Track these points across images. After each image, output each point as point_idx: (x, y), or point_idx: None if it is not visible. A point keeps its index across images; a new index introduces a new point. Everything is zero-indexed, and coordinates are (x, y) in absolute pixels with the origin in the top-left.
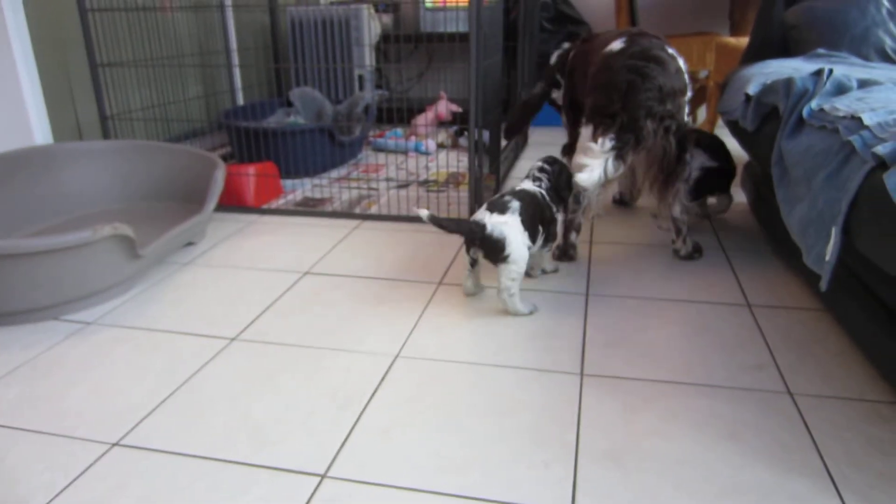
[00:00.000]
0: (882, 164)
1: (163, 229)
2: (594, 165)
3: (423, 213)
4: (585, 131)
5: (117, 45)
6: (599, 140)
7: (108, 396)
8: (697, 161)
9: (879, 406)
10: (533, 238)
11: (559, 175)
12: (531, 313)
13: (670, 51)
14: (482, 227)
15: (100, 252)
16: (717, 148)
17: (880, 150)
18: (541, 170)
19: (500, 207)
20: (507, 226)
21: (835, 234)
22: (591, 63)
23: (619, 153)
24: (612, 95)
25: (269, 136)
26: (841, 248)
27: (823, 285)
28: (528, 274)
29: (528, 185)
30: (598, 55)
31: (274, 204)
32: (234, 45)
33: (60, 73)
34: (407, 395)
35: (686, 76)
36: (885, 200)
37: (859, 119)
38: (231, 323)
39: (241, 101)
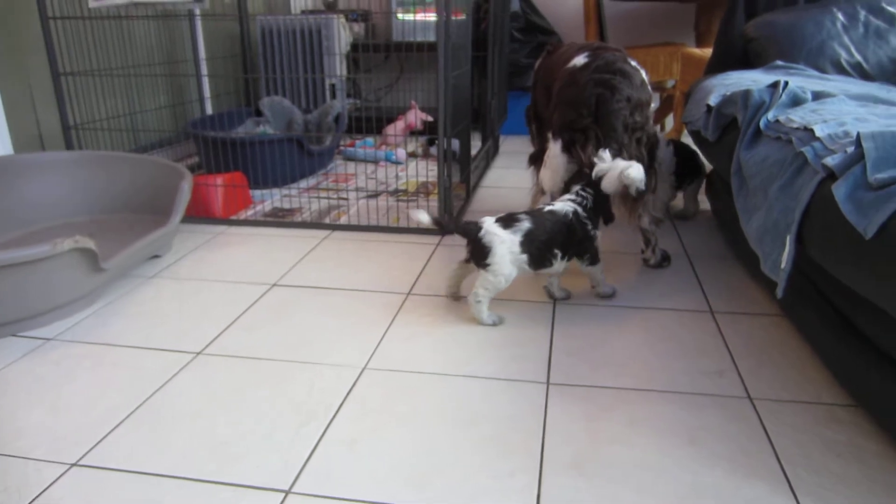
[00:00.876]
0: (832, 175)
1: (127, 242)
2: (631, 162)
3: (423, 216)
4: (555, 146)
5: (82, 54)
6: (600, 152)
7: (66, 415)
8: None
9: (835, 409)
10: (539, 262)
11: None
12: (494, 324)
13: (633, 63)
14: (478, 229)
15: (60, 266)
16: (684, 149)
17: (829, 161)
18: (584, 188)
19: (506, 222)
20: (499, 240)
21: (789, 242)
22: (554, 78)
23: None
24: (581, 110)
25: (237, 146)
26: (795, 256)
27: (779, 292)
28: (550, 295)
29: (560, 205)
30: (562, 71)
31: (242, 215)
32: (202, 54)
33: (21, 82)
34: (373, 407)
35: (649, 87)
36: (835, 210)
37: (811, 131)
38: (196, 337)
39: (209, 110)
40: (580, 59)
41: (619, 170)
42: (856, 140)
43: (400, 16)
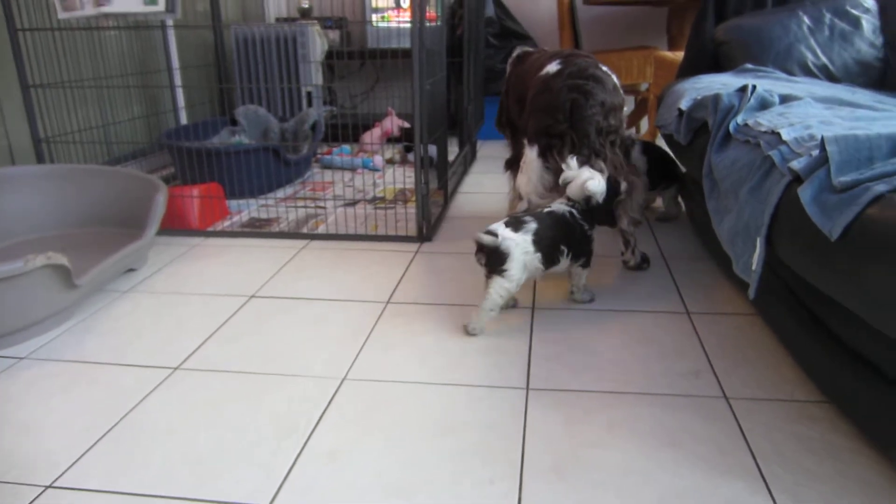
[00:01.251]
0: (798, 178)
1: (101, 256)
2: (591, 173)
3: (487, 238)
4: (531, 152)
5: (52, 66)
6: (568, 159)
7: (40, 435)
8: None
9: (807, 406)
10: (550, 260)
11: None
12: (478, 335)
13: (604, 68)
14: (494, 236)
15: (33, 283)
16: (654, 150)
17: (795, 165)
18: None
19: (514, 225)
20: (514, 243)
21: (759, 244)
22: (527, 86)
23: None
24: (557, 115)
25: (213, 156)
26: (766, 258)
27: (751, 293)
28: (573, 298)
29: (556, 206)
30: (535, 78)
31: (219, 226)
32: (176, 63)
33: None
34: (354, 418)
35: (621, 91)
36: (802, 213)
37: (778, 134)
38: (173, 352)
39: (184, 120)
40: (553, 66)
41: (582, 180)
42: (820, 144)
43: (375, 22)
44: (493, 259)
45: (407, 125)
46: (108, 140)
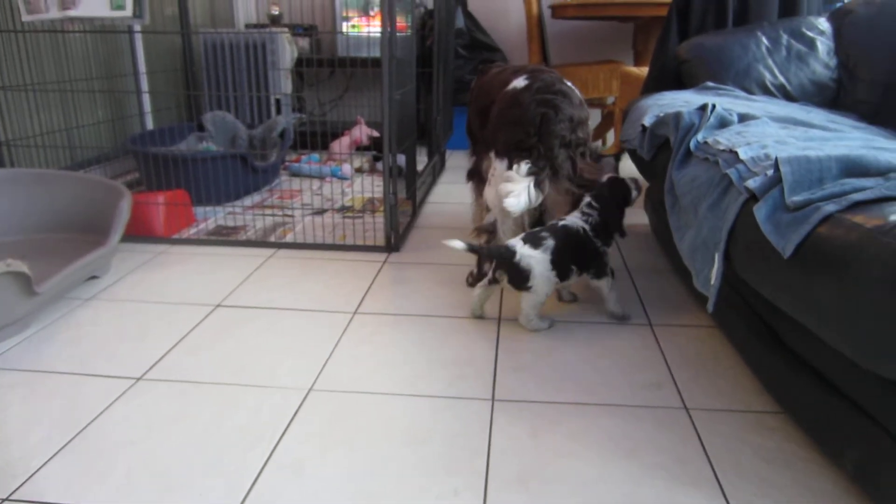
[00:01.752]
0: (754, 197)
1: (63, 263)
2: (519, 190)
3: (458, 244)
4: (500, 165)
5: (14, 68)
6: (515, 166)
7: None
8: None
9: (764, 416)
10: (564, 276)
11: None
12: (550, 327)
13: (568, 83)
14: (512, 253)
15: None
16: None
17: (751, 183)
18: (589, 205)
19: (534, 241)
20: (535, 261)
21: (718, 259)
22: (490, 100)
23: (538, 180)
24: (528, 129)
25: (180, 163)
26: (724, 272)
27: (710, 307)
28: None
29: (571, 220)
30: (502, 92)
31: (185, 233)
32: (143, 68)
33: None
34: (320, 429)
35: (586, 106)
36: (757, 230)
37: (736, 153)
38: (136, 361)
39: (150, 125)
40: (520, 82)
41: (504, 192)
42: (774, 164)
43: (345, 31)
44: (516, 276)
45: (376, 134)
46: (71, 144)
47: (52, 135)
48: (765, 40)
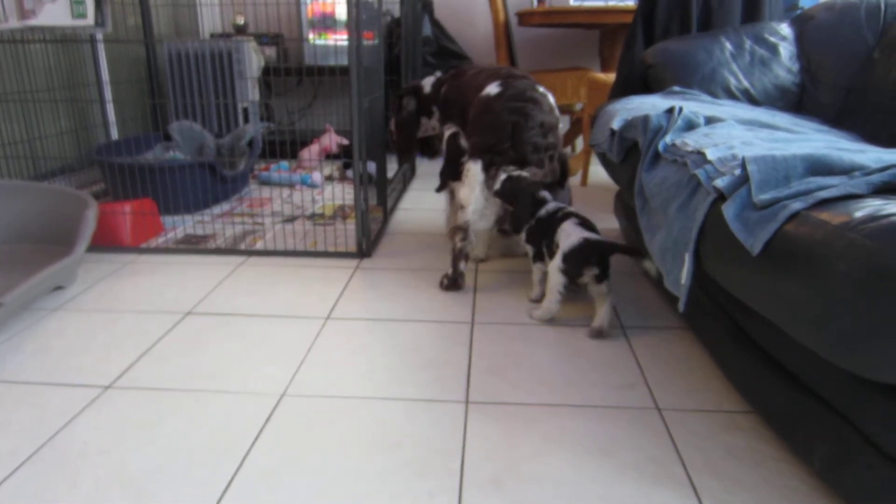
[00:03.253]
0: (722, 196)
1: (27, 274)
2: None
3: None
4: (474, 166)
5: None
6: (492, 173)
7: None
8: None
9: (735, 416)
10: None
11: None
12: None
13: (541, 90)
14: (600, 244)
15: None
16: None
17: (719, 183)
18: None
19: (591, 226)
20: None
21: (688, 259)
22: (466, 102)
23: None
24: (500, 135)
25: (146, 172)
26: (694, 272)
27: (681, 307)
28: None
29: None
30: (477, 98)
31: (153, 243)
32: (106, 77)
33: None
34: (293, 435)
35: (557, 111)
36: (726, 229)
37: (704, 154)
38: (104, 370)
39: (115, 135)
40: (494, 88)
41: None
42: (742, 163)
43: (311, 39)
44: (607, 267)
45: (345, 142)
46: (34, 155)
47: (15, 146)
48: (729, 45)
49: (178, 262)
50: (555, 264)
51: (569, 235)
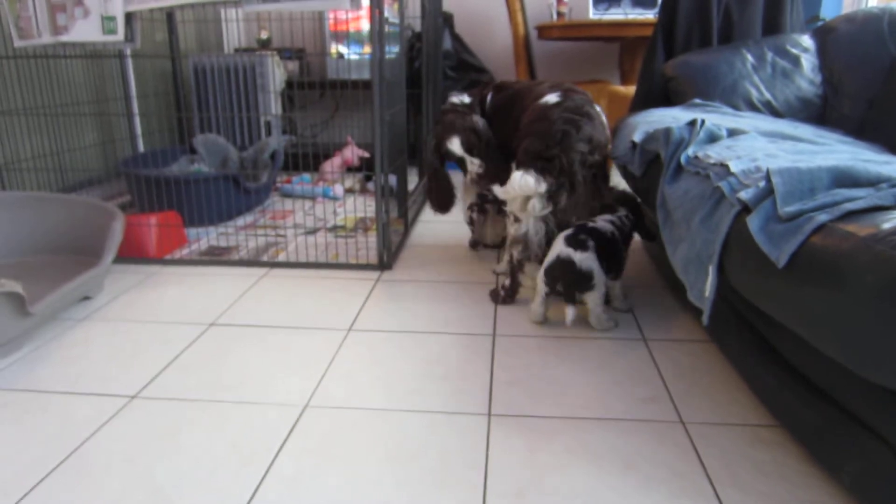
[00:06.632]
0: (746, 208)
1: (56, 284)
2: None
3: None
4: (528, 177)
5: (6, 93)
6: (534, 178)
7: None
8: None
9: (760, 430)
10: (606, 270)
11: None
12: (616, 325)
13: (598, 108)
14: (571, 262)
15: None
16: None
17: (743, 195)
18: (627, 216)
19: (577, 244)
20: (590, 259)
21: (711, 272)
22: (521, 109)
23: (552, 195)
24: (547, 142)
25: (171, 184)
26: (718, 285)
27: (705, 319)
28: (614, 307)
29: (601, 224)
30: (533, 105)
31: (177, 254)
32: (133, 91)
33: None
34: (316, 446)
35: (608, 130)
36: (751, 241)
37: (727, 166)
38: (130, 380)
39: (141, 148)
40: (553, 97)
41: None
42: (766, 175)
43: (334, 53)
44: (580, 280)
45: (366, 154)
46: (62, 167)
47: (44, 158)
48: (750, 57)
49: (201, 274)
50: (539, 273)
51: (552, 249)
